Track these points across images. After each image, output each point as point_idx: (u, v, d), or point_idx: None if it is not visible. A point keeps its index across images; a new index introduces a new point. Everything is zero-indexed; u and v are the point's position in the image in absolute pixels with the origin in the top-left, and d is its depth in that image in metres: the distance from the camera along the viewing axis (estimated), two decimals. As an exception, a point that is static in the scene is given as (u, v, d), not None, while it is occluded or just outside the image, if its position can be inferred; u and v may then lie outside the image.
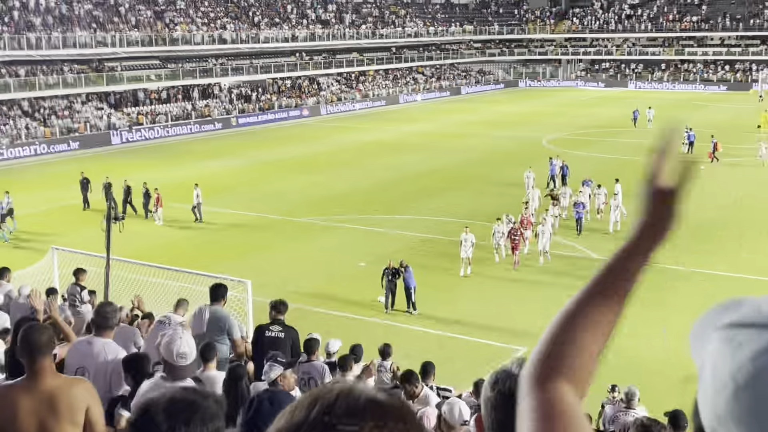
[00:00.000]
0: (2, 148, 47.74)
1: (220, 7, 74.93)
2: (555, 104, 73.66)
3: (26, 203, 33.84)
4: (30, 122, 52.13)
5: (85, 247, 22.15)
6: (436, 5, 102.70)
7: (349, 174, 40.97)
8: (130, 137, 54.75)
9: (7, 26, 55.81)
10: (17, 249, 27.92)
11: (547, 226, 25.82)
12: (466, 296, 22.79)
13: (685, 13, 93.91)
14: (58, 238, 26.49)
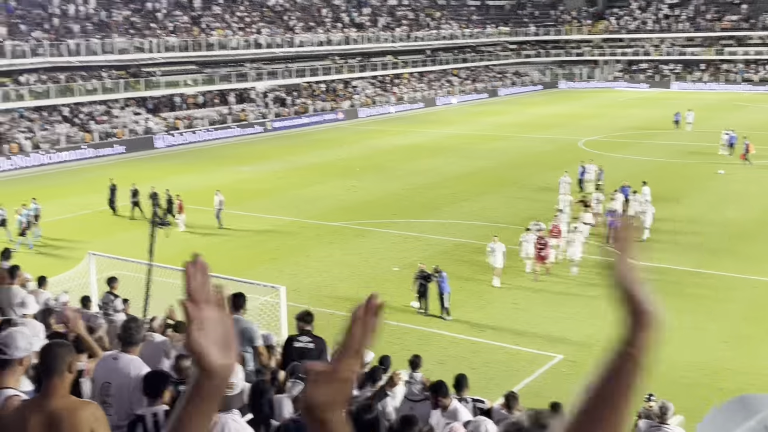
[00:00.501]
0: (46, 152, 48.52)
1: (256, 12, 75.41)
2: (592, 106, 72.98)
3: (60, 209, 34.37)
4: (70, 128, 52.84)
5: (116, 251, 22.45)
6: (471, 7, 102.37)
7: (384, 178, 40.94)
8: (173, 141, 55.32)
9: (48, 33, 56.72)
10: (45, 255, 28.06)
11: (578, 234, 25.14)
12: (499, 302, 22.62)
13: (725, 11, 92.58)
14: (87, 244, 26.78)
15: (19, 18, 56.69)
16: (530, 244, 24.30)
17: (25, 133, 50.38)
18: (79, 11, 61.30)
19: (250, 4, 76.03)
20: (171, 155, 51.85)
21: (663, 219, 30.09)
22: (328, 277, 24.87)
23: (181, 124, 58.13)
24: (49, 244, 29.85)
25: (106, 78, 58.03)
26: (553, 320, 21.10)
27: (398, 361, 12.69)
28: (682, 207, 32.60)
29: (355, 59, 78.37)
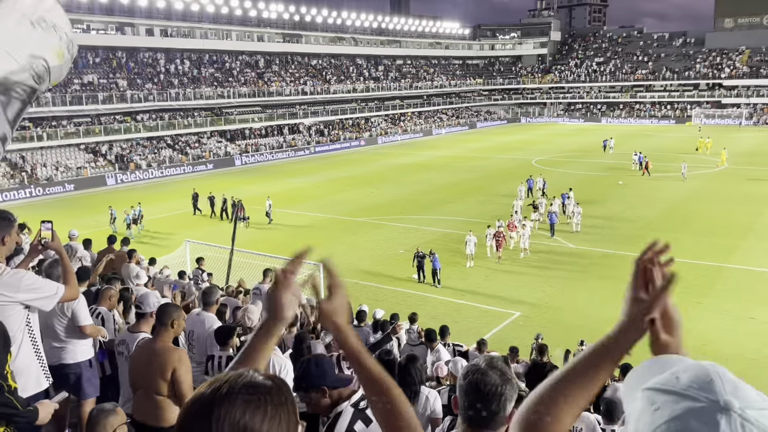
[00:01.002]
0: (155, 169, 48.87)
1: (303, 69, 75.52)
2: (542, 134, 72.66)
3: (162, 209, 34.63)
4: (172, 152, 53.16)
5: (199, 239, 22.59)
6: (455, 65, 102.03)
7: (393, 186, 40.92)
8: (246, 160, 55.60)
9: (156, 84, 57.04)
10: (145, 244, 28.28)
11: (527, 229, 24.71)
12: (474, 276, 22.58)
13: (637, 67, 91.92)
14: (177, 235, 26.98)
15: (135, 74, 57.02)
16: (491, 238, 24.00)
17: (140, 156, 50.70)
18: (178, 69, 61.57)
19: (299, 64, 76.11)
20: (243, 171, 52.04)
21: (590, 215, 29.99)
22: (354, 256, 24.90)
23: (250, 148, 58.33)
24: (150, 235, 30.03)
25: (197, 116, 58.33)
26: (513, 288, 21.05)
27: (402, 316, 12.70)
28: (606, 206, 32.41)
29: (373, 102, 78.36)
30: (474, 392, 2.00)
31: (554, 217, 27.13)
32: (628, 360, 1.40)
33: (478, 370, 2.04)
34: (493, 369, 2.04)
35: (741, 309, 18.23)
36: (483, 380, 2.00)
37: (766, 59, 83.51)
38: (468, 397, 2.01)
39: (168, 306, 5.10)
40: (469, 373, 2.04)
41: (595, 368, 1.35)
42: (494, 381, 2.01)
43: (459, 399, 2.05)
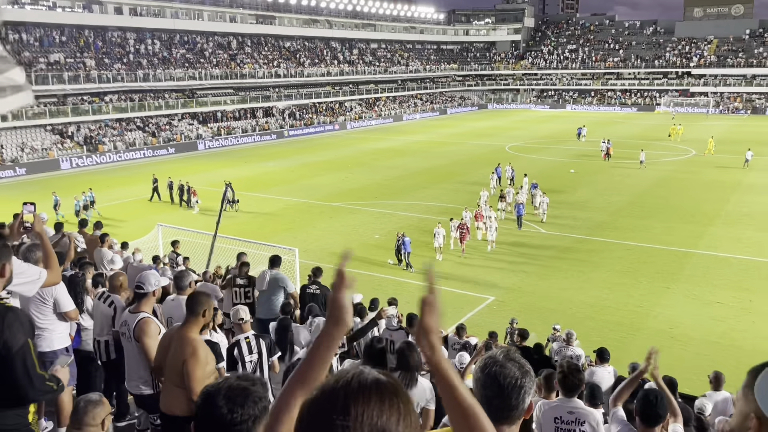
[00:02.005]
0: (123, 152, 47.90)
1: (276, 51, 74.48)
2: (515, 121, 73.07)
3: (117, 194, 33.96)
4: (142, 134, 52.11)
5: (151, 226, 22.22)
6: (430, 50, 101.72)
7: (368, 171, 40.80)
8: (211, 145, 54.66)
9: (125, 65, 55.70)
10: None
11: (494, 221, 23.87)
12: (449, 261, 22.67)
13: (608, 55, 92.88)
14: (128, 223, 26.48)
15: (104, 54, 55.55)
16: (455, 230, 23.31)
17: (109, 137, 49.58)
18: (148, 49, 60.16)
19: (272, 46, 75.02)
20: (214, 154, 51.30)
21: (561, 202, 30.37)
22: (329, 241, 24.81)
23: (222, 131, 57.50)
24: (102, 221, 29.38)
25: (168, 98, 57.21)
26: (487, 274, 21.22)
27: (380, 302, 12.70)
28: (576, 193, 32.82)
29: (347, 86, 77.76)
30: (493, 385, 1.96)
31: (521, 209, 26.18)
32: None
33: (496, 362, 1.99)
34: (512, 361, 1.99)
35: (708, 293, 18.70)
36: (502, 373, 1.96)
37: (733, 49, 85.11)
38: (486, 390, 1.96)
39: (198, 294, 4.98)
40: (487, 366, 1.99)
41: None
42: (514, 374, 1.96)
43: (475, 392, 2.00)
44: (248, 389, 1.90)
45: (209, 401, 1.87)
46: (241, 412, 1.84)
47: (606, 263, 21.75)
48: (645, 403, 3.94)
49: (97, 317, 7.31)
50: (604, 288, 19.40)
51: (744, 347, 15.02)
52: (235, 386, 1.89)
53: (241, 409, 1.85)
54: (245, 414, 1.84)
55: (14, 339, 3.07)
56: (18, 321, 3.15)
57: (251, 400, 1.88)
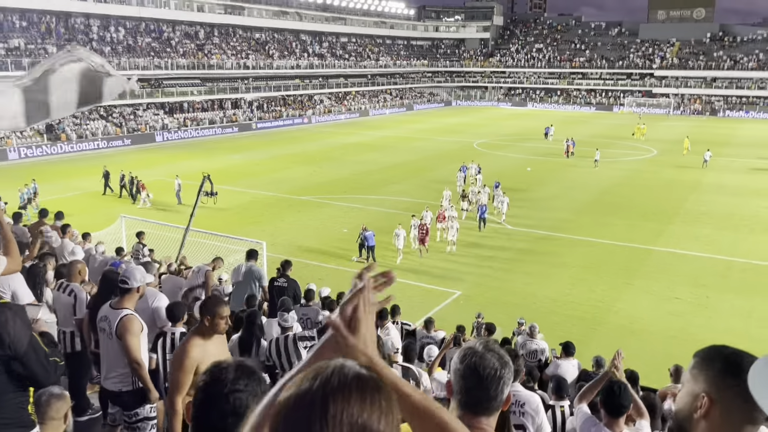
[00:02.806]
0: (85, 141, 46.73)
1: (245, 43, 73.54)
2: (483, 118, 73.66)
3: (66, 187, 33.13)
4: (105, 124, 50.91)
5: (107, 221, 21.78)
6: (399, 45, 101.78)
7: (336, 165, 40.65)
8: (170, 137, 53.61)
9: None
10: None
11: (455, 221, 23.28)
12: (415, 259, 22.72)
13: (574, 55, 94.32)
14: (72, 219, 25.93)
15: (66, 41, 54.01)
16: (415, 229, 22.60)
17: (70, 126, 48.31)
18: (113, 37, 58.76)
19: (241, 37, 74.04)
20: (179, 146, 50.46)
21: (525, 199, 30.76)
22: (297, 235, 24.68)
23: (189, 122, 56.58)
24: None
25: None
26: (453, 269, 21.38)
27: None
28: (540, 191, 33.26)
29: (317, 80, 77.28)
30: (472, 376, 1.94)
31: (484, 210, 25.69)
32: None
33: (476, 353, 1.98)
34: (491, 351, 1.99)
35: (667, 289, 19.19)
36: (482, 363, 1.94)
37: (695, 52, 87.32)
38: (465, 381, 1.95)
39: (213, 299, 4.77)
40: (467, 357, 1.97)
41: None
42: (493, 364, 1.95)
43: (454, 383, 1.99)
44: (255, 370, 2.03)
45: (218, 368, 1.96)
46: (246, 382, 1.94)
47: (569, 259, 22.11)
48: (609, 394, 4.03)
49: (58, 308, 7.13)
50: (567, 283, 19.72)
51: (701, 341, 15.25)
52: (245, 364, 2.03)
53: (247, 379, 1.95)
54: (249, 386, 1.94)
55: (20, 336, 3.07)
56: (18, 317, 3.14)
57: (255, 378, 1.99)
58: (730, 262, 21.81)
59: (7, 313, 3.01)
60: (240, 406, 1.90)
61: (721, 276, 20.47)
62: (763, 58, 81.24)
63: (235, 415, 1.88)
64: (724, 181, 35.88)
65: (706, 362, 1.56)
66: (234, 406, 1.90)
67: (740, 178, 37.20)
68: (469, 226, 25.67)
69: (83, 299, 7.00)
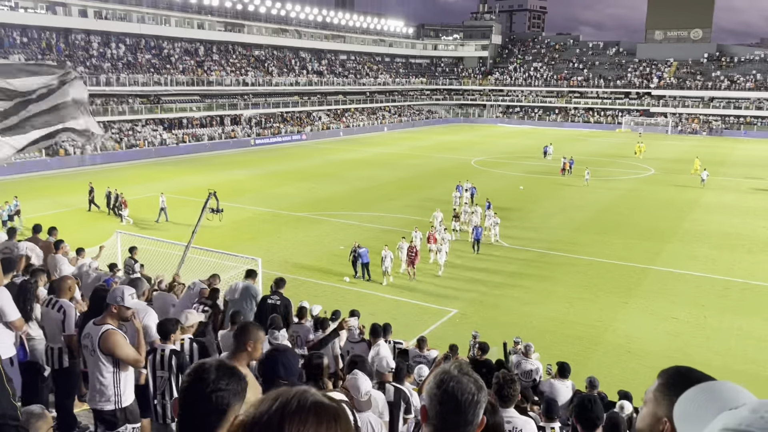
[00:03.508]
0: (85, 156, 46.81)
1: (244, 59, 74.04)
2: (481, 136, 73.98)
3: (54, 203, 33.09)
4: (104, 140, 51.03)
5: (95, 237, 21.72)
6: (398, 63, 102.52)
7: (334, 182, 40.70)
8: (168, 152, 53.79)
9: (88, 69, 54.59)
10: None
11: (446, 243, 22.78)
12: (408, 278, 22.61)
13: (572, 74, 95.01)
14: (62, 236, 25.88)
15: (66, 57, 54.35)
16: (404, 251, 21.98)
17: (68, 141, 48.42)
18: (113, 53, 59.13)
19: (240, 54, 74.55)
20: (177, 162, 50.55)
21: (523, 218, 30.71)
22: (293, 251, 24.63)
23: (188, 138, 56.74)
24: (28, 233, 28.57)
25: (133, 103, 56.23)
26: (449, 287, 21.29)
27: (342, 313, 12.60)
28: (538, 209, 33.28)
29: (315, 96, 77.71)
30: (450, 401, 1.90)
31: (479, 232, 24.92)
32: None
33: (452, 377, 1.94)
34: (467, 376, 1.94)
35: (664, 309, 19.11)
36: (460, 388, 1.90)
37: (692, 72, 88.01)
38: (443, 406, 1.90)
39: (254, 325, 4.55)
40: (444, 382, 1.92)
41: None
42: (470, 389, 1.91)
43: (430, 408, 1.93)
44: (234, 370, 2.15)
45: (201, 369, 2.10)
46: (227, 382, 2.07)
47: (566, 278, 22.04)
48: (581, 409, 4.05)
49: (47, 324, 7.06)
50: (564, 302, 19.64)
51: (699, 362, 15.37)
52: (224, 364, 2.15)
53: (228, 379, 2.08)
54: (230, 385, 2.08)
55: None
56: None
57: (236, 378, 2.12)
58: (729, 282, 21.76)
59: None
60: (222, 404, 2.04)
61: (720, 296, 20.41)
62: (760, 78, 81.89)
63: (218, 412, 2.03)
64: (722, 201, 35.94)
65: (670, 387, 1.53)
66: (216, 404, 2.03)
67: (738, 197, 37.29)
68: (463, 247, 25.60)
69: (72, 315, 6.93)
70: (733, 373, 14.73)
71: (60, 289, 7.02)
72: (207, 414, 2.02)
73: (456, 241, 25.74)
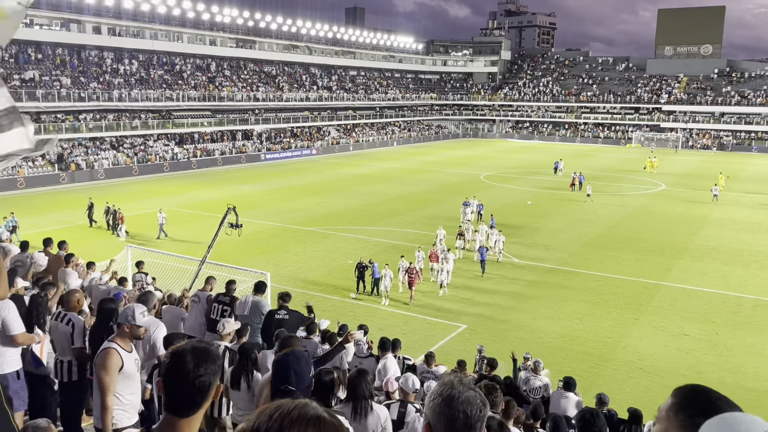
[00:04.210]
0: (96, 171, 47.18)
1: (255, 75, 74.70)
2: (490, 151, 74.00)
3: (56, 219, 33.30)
4: (115, 154, 51.51)
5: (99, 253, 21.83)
6: (408, 78, 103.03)
7: (343, 197, 40.79)
8: (179, 167, 54.18)
9: (101, 84, 55.28)
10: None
11: (449, 263, 22.03)
12: (423, 288, 22.52)
13: (582, 89, 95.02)
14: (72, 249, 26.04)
15: (80, 72, 55.11)
16: (403, 270, 21.33)
17: (81, 156, 48.92)
18: (126, 69, 59.87)
19: (251, 70, 75.23)
20: (188, 176, 50.90)
21: (533, 233, 30.59)
22: (302, 266, 24.65)
23: (198, 153, 57.16)
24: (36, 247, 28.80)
25: (145, 118, 56.82)
26: (458, 302, 21.20)
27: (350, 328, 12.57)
28: (547, 224, 33.14)
29: (325, 112, 78.17)
30: (461, 418, 1.89)
31: (484, 253, 24.00)
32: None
33: (460, 392, 1.93)
34: (472, 390, 1.95)
35: (676, 326, 18.92)
36: (469, 404, 1.91)
37: (702, 87, 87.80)
38: (453, 423, 1.88)
39: (291, 338, 4.81)
40: (453, 398, 1.91)
41: None
42: (479, 404, 1.92)
43: (437, 425, 1.91)
44: (208, 349, 2.26)
45: (178, 358, 2.20)
46: (204, 367, 2.19)
47: (576, 294, 21.90)
48: (584, 423, 4.03)
49: (56, 337, 7.10)
50: (574, 318, 19.49)
51: (711, 380, 15.17)
52: (198, 347, 2.25)
53: (204, 364, 2.19)
54: (207, 368, 2.19)
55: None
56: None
57: (211, 358, 2.23)
58: (741, 299, 21.53)
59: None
60: (204, 386, 2.19)
61: (732, 313, 20.19)
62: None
63: (201, 392, 2.19)
64: (733, 217, 35.67)
65: (684, 408, 1.52)
66: (199, 388, 2.18)
67: (750, 213, 36.99)
68: (469, 266, 25.41)
69: (81, 328, 6.97)
70: (746, 390, 14.54)
71: (68, 302, 7.08)
72: (192, 396, 2.19)
73: (461, 260, 25.21)
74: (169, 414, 2.22)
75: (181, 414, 2.19)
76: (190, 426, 2.21)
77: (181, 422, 2.19)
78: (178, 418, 2.19)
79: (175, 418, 2.19)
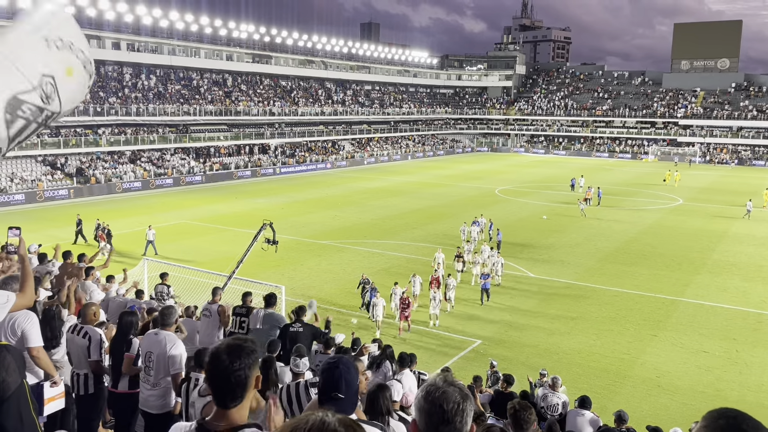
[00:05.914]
0: (114, 184, 47.75)
1: (271, 90, 75.41)
2: (505, 165, 73.84)
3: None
4: (133, 167, 52.12)
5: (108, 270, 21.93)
6: (423, 93, 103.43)
7: (358, 210, 40.85)
8: (195, 180, 54.66)
9: (120, 99, 56.10)
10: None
11: (450, 291, 21.16)
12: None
13: (597, 104, 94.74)
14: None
15: (99, 87, 56.00)
16: (397, 297, 19.68)
17: (99, 169, 49.54)
18: (144, 84, 60.76)
19: (267, 84, 75.98)
20: (204, 190, 51.30)
21: (549, 246, 30.41)
22: (316, 280, 24.66)
23: (215, 167, 57.63)
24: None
25: (162, 132, 57.49)
26: (474, 317, 21.07)
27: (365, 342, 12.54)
28: (563, 238, 32.90)
29: (340, 126, 78.59)
30: (438, 412, 1.97)
31: (487, 282, 22.23)
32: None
33: (438, 388, 2.02)
34: (452, 386, 2.03)
35: (694, 342, 18.64)
36: (446, 398, 1.98)
37: (719, 101, 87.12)
38: (432, 417, 1.97)
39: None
40: (430, 393, 2.00)
41: None
42: (455, 398, 1.99)
43: (419, 421, 1.99)
44: (242, 345, 2.45)
45: (215, 357, 2.42)
46: (239, 362, 2.40)
47: (593, 309, 21.67)
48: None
49: (72, 350, 7.16)
50: (591, 334, 19.28)
51: (730, 398, 14.90)
52: (232, 344, 2.45)
53: (239, 359, 2.40)
54: (242, 363, 2.40)
55: (9, 380, 2.99)
56: (13, 359, 3.09)
57: (245, 352, 2.43)
58: (761, 316, 21.17)
59: (5, 355, 3.01)
60: (242, 380, 2.40)
61: (752, 329, 19.85)
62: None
63: (240, 386, 2.41)
64: (752, 232, 35.19)
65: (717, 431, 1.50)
66: (237, 382, 2.40)
67: (769, 228, 36.45)
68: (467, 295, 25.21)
69: (98, 341, 7.04)
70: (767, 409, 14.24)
71: (85, 315, 7.15)
72: (232, 389, 2.41)
73: (459, 285, 23.22)
74: (218, 407, 2.47)
75: (227, 406, 2.43)
76: (240, 413, 2.45)
77: (229, 412, 2.44)
78: (226, 410, 2.44)
79: (223, 409, 2.45)
